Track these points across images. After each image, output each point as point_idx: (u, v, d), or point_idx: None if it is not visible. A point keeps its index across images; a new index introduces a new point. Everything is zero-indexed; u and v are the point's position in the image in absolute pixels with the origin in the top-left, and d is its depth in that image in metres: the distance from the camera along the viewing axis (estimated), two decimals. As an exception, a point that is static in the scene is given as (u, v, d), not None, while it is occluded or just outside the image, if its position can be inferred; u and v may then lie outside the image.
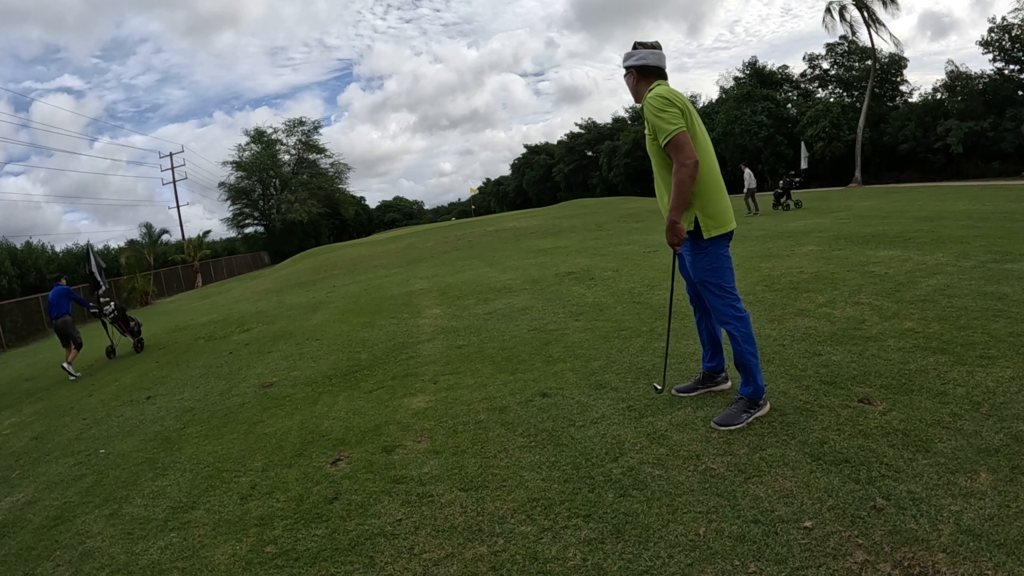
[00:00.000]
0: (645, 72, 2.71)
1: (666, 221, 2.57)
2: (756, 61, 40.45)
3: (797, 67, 55.76)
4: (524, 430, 2.95)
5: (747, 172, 15.92)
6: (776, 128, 36.42)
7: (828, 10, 30.79)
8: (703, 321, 2.96)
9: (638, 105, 2.83)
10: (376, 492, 2.57)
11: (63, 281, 8.74)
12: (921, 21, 61.47)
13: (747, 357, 2.60)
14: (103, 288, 9.35)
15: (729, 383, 3.05)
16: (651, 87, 2.67)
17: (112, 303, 9.05)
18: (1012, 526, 1.71)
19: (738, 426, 2.57)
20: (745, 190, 15.73)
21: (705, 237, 2.59)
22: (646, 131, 2.70)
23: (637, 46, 2.74)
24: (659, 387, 3.11)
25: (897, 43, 31.94)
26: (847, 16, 30.44)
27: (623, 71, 2.79)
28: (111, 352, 8.91)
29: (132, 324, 9.00)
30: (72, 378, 7.66)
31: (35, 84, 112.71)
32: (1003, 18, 28.88)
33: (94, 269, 9.38)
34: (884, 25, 29.64)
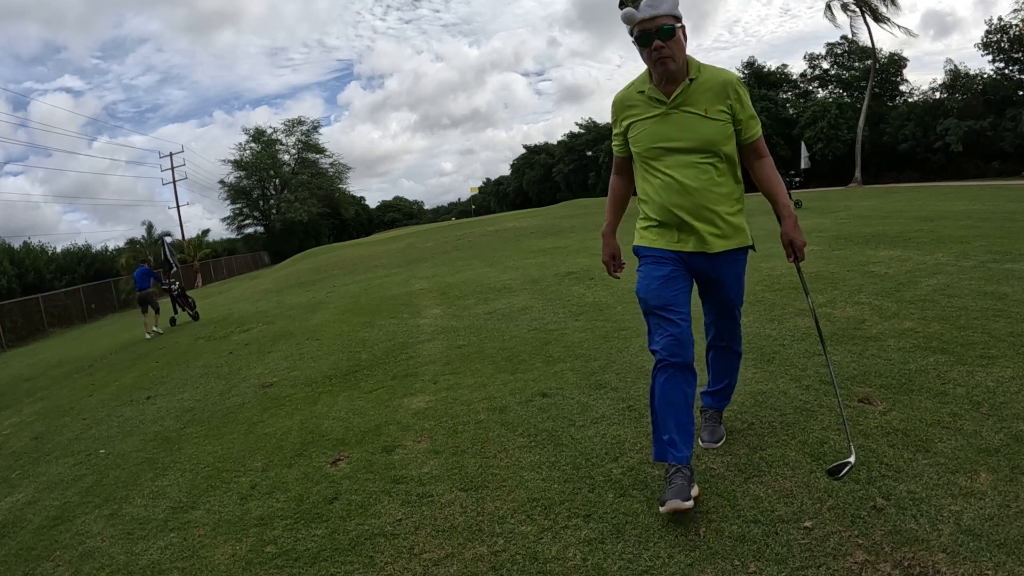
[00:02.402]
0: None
1: (790, 218, 2.09)
2: (754, 61, 40.41)
3: (797, 67, 55.69)
4: (524, 430, 2.95)
5: None
6: (775, 129, 36.40)
7: (828, 7, 30.79)
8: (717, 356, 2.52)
9: (639, 86, 2.15)
10: (376, 492, 2.57)
11: (146, 264, 11.78)
12: (924, 20, 61.11)
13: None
14: (174, 270, 11.95)
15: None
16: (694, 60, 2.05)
17: (177, 283, 11.53)
18: (1012, 526, 1.71)
19: (724, 438, 2.50)
20: None
21: (755, 247, 2.26)
22: (699, 111, 2.02)
23: None
24: None
25: (907, 31, 31.43)
26: (848, 13, 30.39)
27: (668, 22, 1.96)
28: (173, 321, 11.46)
29: (190, 300, 11.69)
30: (148, 336, 10.37)
31: (35, 84, 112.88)
32: (999, 18, 28.94)
33: (169, 256, 12.12)
34: (888, 20, 29.50)
